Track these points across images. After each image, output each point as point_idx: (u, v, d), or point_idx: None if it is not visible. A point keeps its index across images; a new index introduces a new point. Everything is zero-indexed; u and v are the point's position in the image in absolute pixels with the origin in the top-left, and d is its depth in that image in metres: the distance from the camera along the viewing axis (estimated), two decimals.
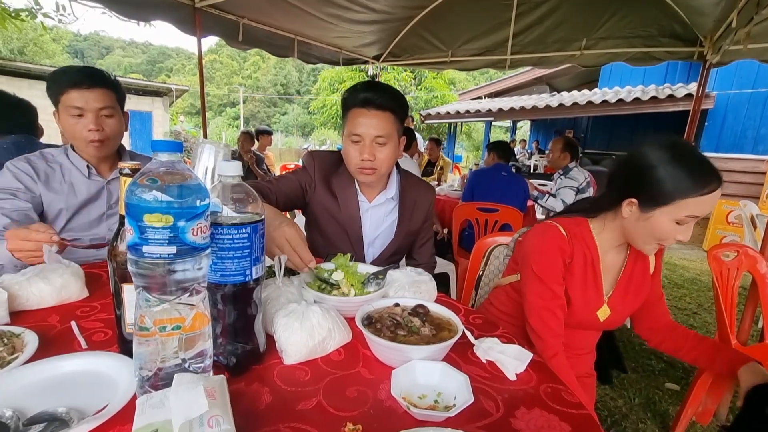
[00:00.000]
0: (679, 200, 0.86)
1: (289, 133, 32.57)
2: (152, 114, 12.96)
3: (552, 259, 1.02)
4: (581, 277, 1.04)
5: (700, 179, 0.85)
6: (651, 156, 0.90)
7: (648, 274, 1.11)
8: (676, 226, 0.89)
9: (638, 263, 1.09)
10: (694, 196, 0.85)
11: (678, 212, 0.87)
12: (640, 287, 1.10)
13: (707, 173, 0.85)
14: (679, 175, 0.86)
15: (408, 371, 0.65)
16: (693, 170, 0.86)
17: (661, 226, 0.90)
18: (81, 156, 1.32)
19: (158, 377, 0.54)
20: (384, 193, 1.33)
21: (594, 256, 1.04)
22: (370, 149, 1.18)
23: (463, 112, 9.60)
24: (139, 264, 0.51)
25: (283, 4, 3.70)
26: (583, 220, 1.07)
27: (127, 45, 50.63)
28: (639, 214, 0.93)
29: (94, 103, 1.22)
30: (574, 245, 1.02)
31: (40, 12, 3.64)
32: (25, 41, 19.53)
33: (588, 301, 1.05)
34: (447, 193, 3.67)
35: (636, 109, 6.39)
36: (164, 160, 0.52)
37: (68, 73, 1.22)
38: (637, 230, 0.95)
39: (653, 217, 0.90)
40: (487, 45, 4.73)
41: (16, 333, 0.68)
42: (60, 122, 1.26)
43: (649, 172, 0.89)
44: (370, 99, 1.16)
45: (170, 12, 3.35)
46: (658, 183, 0.88)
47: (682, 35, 3.94)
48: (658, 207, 0.89)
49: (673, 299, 3.48)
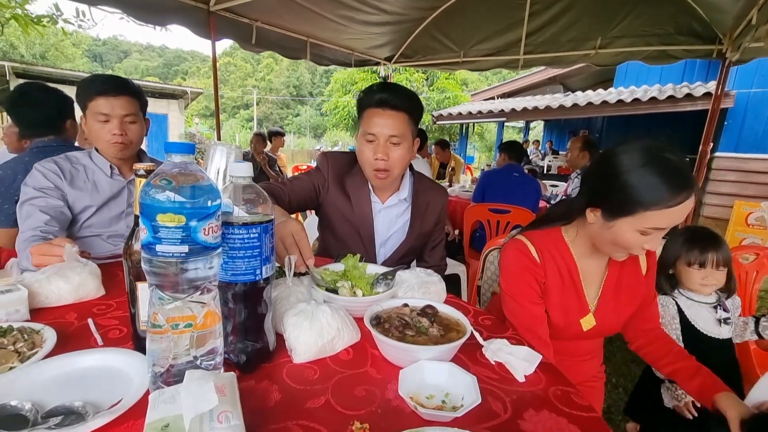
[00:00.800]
0: (642, 212, 0.80)
1: (302, 135, 32.84)
2: (168, 116, 13.22)
3: (523, 279, 0.99)
4: (559, 289, 1.01)
5: (668, 191, 0.78)
6: (620, 160, 0.84)
7: (640, 276, 1.06)
8: (640, 237, 0.84)
9: (625, 266, 1.04)
10: (659, 208, 0.78)
11: (640, 224, 0.82)
12: (633, 291, 1.05)
13: (677, 184, 0.78)
14: (644, 185, 0.79)
15: (416, 371, 0.65)
16: (661, 180, 0.79)
17: (624, 235, 0.85)
18: (104, 157, 1.39)
19: (170, 373, 0.55)
20: (397, 195, 1.34)
21: (570, 265, 1.01)
22: (384, 149, 1.19)
23: (475, 112, 9.54)
24: (152, 262, 0.52)
25: (296, 7, 3.73)
26: (556, 231, 1.04)
27: (144, 49, 51.77)
28: (602, 222, 0.89)
29: (119, 110, 1.30)
30: (546, 263, 0.99)
31: (61, 18, 3.74)
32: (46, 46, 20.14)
33: (568, 313, 1.01)
34: (458, 194, 3.66)
35: (652, 109, 6.26)
36: (177, 161, 0.53)
37: (96, 81, 1.30)
38: (602, 238, 0.91)
39: (615, 226, 0.86)
40: (499, 45, 4.70)
41: (35, 329, 0.71)
42: (86, 126, 1.34)
43: (616, 179, 0.83)
44: (385, 99, 1.17)
45: (186, 16, 3.42)
46: (622, 191, 0.82)
47: (701, 33, 3.85)
48: (620, 217, 0.84)
49: None
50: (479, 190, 3.18)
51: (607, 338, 1.20)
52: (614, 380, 2.15)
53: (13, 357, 0.63)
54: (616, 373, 2.22)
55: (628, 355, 2.38)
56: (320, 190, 1.31)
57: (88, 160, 1.39)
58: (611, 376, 2.18)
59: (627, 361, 2.33)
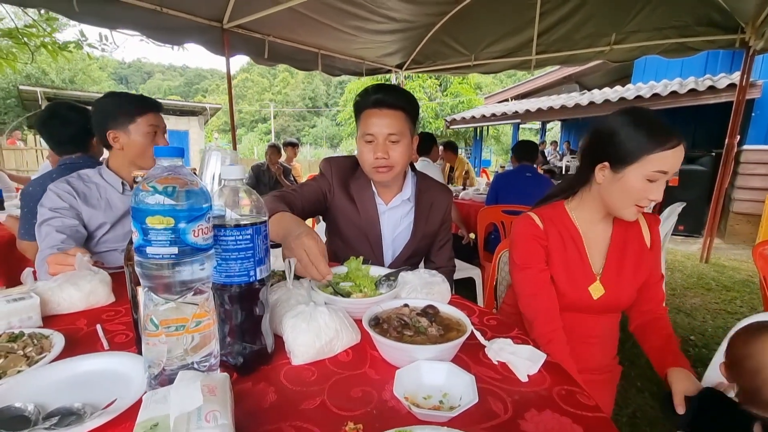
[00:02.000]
0: (645, 156, 0.92)
1: (318, 145, 33.29)
2: (189, 132, 13.65)
3: (529, 246, 1.07)
4: (562, 256, 1.07)
5: (661, 137, 0.91)
6: (614, 122, 0.97)
7: (645, 248, 1.09)
8: (647, 184, 0.94)
9: (629, 235, 1.09)
10: (659, 151, 0.91)
11: (647, 168, 0.92)
12: (639, 262, 1.08)
13: (666, 132, 0.91)
14: (642, 134, 0.93)
15: (412, 371, 0.64)
16: (653, 130, 0.92)
17: (633, 183, 0.95)
18: (118, 174, 1.45)
19: (165, 375, 0.56)
20: (400, 195, 1.34)
21: (574, 234, 1.08)
22: (384, 147, 1.20)
23: (488, 115, 9.46)
24: (143, 265, 0.53)
25: (306, 20, 3.82)
26: (559, 203, 1.13)
27: (166, 69, 53.81)
28: (612, 176, 0.98)
29: (163, 125, 1.48)
30: (548, 229, 1.08)
31: (86, 43, 3.94)
32: (75, 71, 21.24)
33: (575, 279, 1.06)
34: (472, 197, 3.61)
35: (673, 104, 6.03)
36: (166, 164, 0.54)
37: (146, 99, 1.44)
38: (613, 193, 0.99)
39: (625, 176, 0.95)
40: (510, 46, 4.66)
41: (45, 335, 0.73)
42: (130, 138, 1.40)
43: (616, 136, 0.96)
44: (381, 99, 1.19)
45: (201, 35, 3.55)
46: (624, 143, 0.94)
47: (721, 23, 3.72)
48: (628, 165, 0.94)
49: (721, 303, 3.24)
50: (492, 193, 3.14)
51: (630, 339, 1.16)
52: (639, 384, 2.06)
53: (21, 361, 0.65)
54: (641, 377, 2.12)
55: None
56: (327, 195, 1.33)
57: (99, 178, 1.43)
58: (636, 380, 2.09)
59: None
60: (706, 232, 4.53)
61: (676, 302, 3.24)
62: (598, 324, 1.12)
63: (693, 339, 2.61)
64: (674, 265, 4.32)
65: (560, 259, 1.07)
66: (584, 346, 1.10)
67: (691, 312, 3.04)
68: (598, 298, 1.06)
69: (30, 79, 17.24)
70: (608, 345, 1.17)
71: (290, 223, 0.95)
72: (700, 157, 5.75)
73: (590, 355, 1.12)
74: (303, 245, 0.85)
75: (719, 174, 4.28)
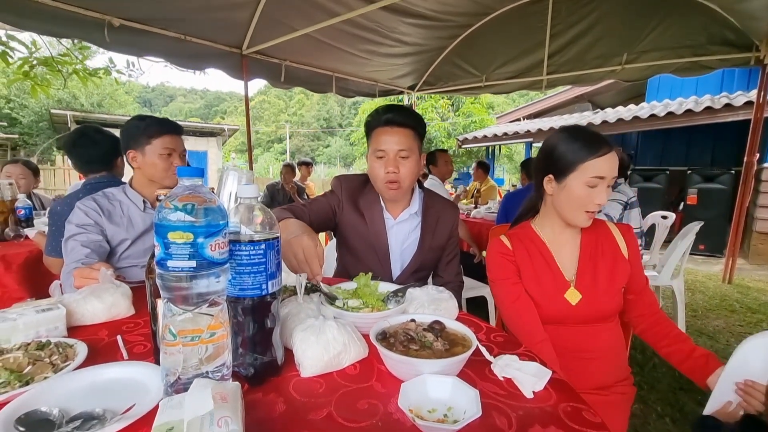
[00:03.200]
0: (581, 164, 1.03)
1: (332, 165, 33.80)
2: (207, 153, 14.07)
3: (499, 264, 1.16)
4: (531, 269, 1.14)
5: (593, 146, 1.02)
6: (554, 139, 1.09)
7: (620, 256, 1.15)
8: (589, 190, 1.04)
9: (600, 242, 1.16)
10: (592, 158, 1.02)
11: (585, 174, 1.03)
12: (614, 268, 1.13)
13: (598, 141, 1.03)
14: (576, 145, 1.04)
15: (418, 385, 0.65)
16: (586, 140, 1.04)
17: (576, 191, 1.05)
18: (140, 192, 1.52)
19: (181, 383, 0.59)
20: (408, 210, 1.39)
21: (541, 247, 1.16)
22: (395, 162, 1.27)
23: (500, 134, 9.50)
24: (164, 277, 0.57)
25: (321, 45, 3.97)
26: (526, 223, 1.23)
27: (188, 92, 56.00)
28: (557, 186, 1.09)
29: (180, 147, 1.54)
30: (516, 247, 1.16)
31: (114, 69, 4.17)
32: (102, 95, 22.34)
33: (547, 289, 1.12)
34: (484, 216, 3.61)
35: (688, 122, 5.96)
36: (187, 184, 0.59)
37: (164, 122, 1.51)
38: (561, 202, 1.09)
39: (567, 185, 1.06)
40: (521, 67, 4.72)
41: (69, 344, 0.77)
42: (146, 159, 1.47)
43: (556, 150, 1.08)
44: (391, 119, 1.28)
45: (221, 60, 3.72)
46: (563, 156, 1.06)
47: (735, 41, 3.71)
48: (569, 174, 1.05)
49: (746, 325, 3.12)
50: (502, 212, 3.13)
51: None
52: (659, 409, 1.99)
53: (48, 368, 0.69)
54: (662, 401, 2.05)
55: (675, 382, 2.20)
56: (336, 211, 1.38)
57: (123, 196, 1.51)
58: (655, 405, 2.02)
59: (674, 389, 2.16)
60: (728, 251, 4.40)
61: (698, 324, 3.14)
62: (594, 336, 1.12)
63: None
64: (695, 285, 4.19)
65: (530, 272, 1.14)
66: (582, 362, 1.10)
67: (714, 335, 2.94)
68: (577, 303, 1.10)
69: (61, 103, 18.18)
70: (613, 361, 1.14)
71: (294, 227, 1.01)
72: (719, 175, 5.64)
73: (591, 372, 1.10)
74: (301, 243, 0.89)
75: (739, 192, 4.19)
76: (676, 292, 2.74)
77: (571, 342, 1.11)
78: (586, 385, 1.08)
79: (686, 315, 3.00)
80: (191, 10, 3.08)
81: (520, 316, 1.10)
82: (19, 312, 0.82)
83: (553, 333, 1.09)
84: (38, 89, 3.78)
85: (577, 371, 1.07)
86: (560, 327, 1.11)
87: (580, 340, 1.11)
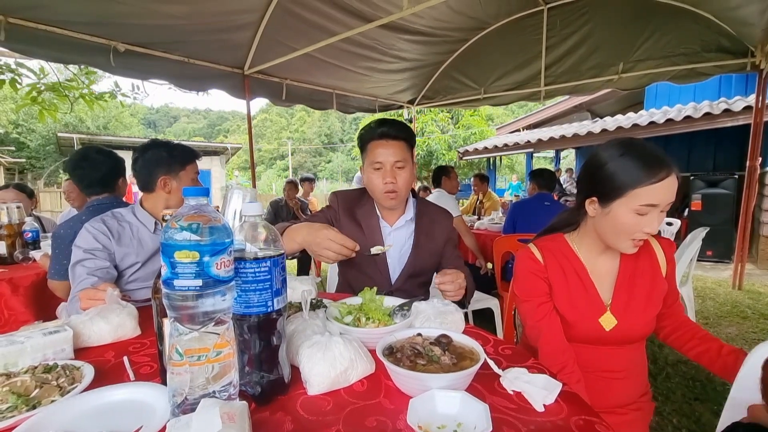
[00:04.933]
0: (631, 190, 0.89)
1: (335, 180, 33.99)
2: (211, 171, 14.21)
3: (528, 280, 1.07)
4: (565, 288, 1.05)
5: (649, 169, 0.88)
6: (602, 155, 0.96)
7: (659, 277, 1.06)
8: (637, 218, 0.91)
9: (639, 264, 1.06)
10: (645, 185, 0.88)
11: (633, 202, 0.90)
12: (651, 291, 1.05)
13: (656, 163, 0.88)
14: (628, 167, 0.90)
15: (426, 400, 0.65)
16: (641, 161, 0.89)
17: (621, 218, 0.92)
18: (152, 214, 1.52)
19: (188, 403, 0.59)
20: (403, 217, 1.46)
21: (577, 266, 1.06)
22: (392, 173, 1.34)
23: (501, 145, 9.56)
24: (170, 296, 0.57)
25: (321, 63, 4.05)
26: (559, 236, 1.12)
27: (191, 113, 56.92)
28: (600, 210, 0.97)
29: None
30: (548, 262, 1.07)
31: (119, 92, 4.26)
32: (108, 118, 22.79)
33: (581, 311, 1.03)
34: (487, 227, 3.61)
35: (688, 128, 5.98)
36: (193, 203, 0.60)
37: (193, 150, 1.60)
38: (604, 227, 0.98)
39: (612, 211, 0.94)
40: (519, 79, 4.78)
41: (76, 366, 0.77)
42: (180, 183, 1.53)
43: (602, 169, 0.94)
44: (386, 132, 1.34)
45: (223, 81, 3.80)
46: (610, 177, 0.92)
47: (730, 48, 3.75)
48: (614, 200, 0.92)
49: (760, 332, 3.06)
50: (509, 222, 3.13)
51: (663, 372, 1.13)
52: (675, 421, 1.94)
53: (55, 391, 0.69)
54: (678, 413, 2.00)
55: (689, 392, 2.15)
56: (333, 223, 1.43)
57: (132, 217, 1.50)
58: (671, 416, 1.97)
59: (689, 399, 2.11)
60: (736, 257, 4.35)
61: (711, 332, 3.04)
62: (622, 356, 1.07)
63: None
64: (705, 292, 4.13)
65: (563, 290, 1.05)
66: (607, 381, 1.05)
67: (727, 342, 2.88)
68: (611, 329, 1.02)
69: (68, 127, 18.51)
70: (636, 379, 1.11)
71: (303, 227, 1.14)
72: (723, 180, 5.62)
73: (616, 391, 1.06)
74: (327, 235, 1.05)
75: (744, 197, 4.17)
76: (686, 300, 2.71)
77: (596, 361, 1.05)
78: (607, 404, 1.05)
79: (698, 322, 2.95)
80: (194, 33, 3.16)
81: (545, 333, 1.02)
82: (27, 335, 0.82)
83: (577, 351, 1.03)
84: (46, 114, 3.86)
85: (600, 390, 1.03)
86: (586, 346, 1.05)
87: (605, 360, 1.06)
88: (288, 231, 1.16)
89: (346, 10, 3.37)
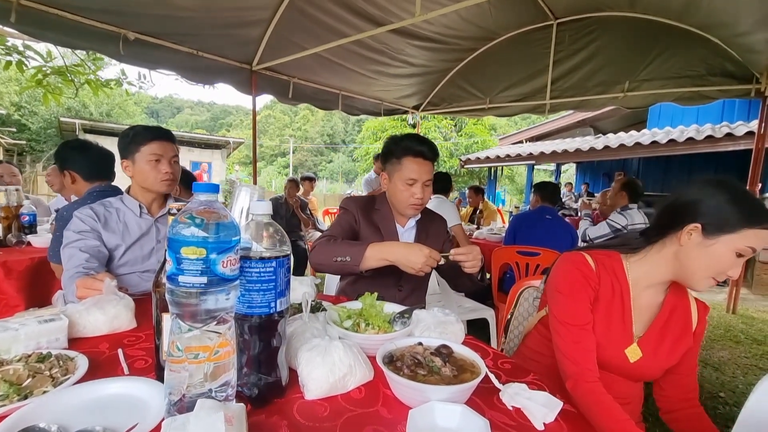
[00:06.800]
0: (745, 229, 0.84)
1: (335, 180, 33.97)
2: (212, 164, 14.17)
3: (578, 282, 0.99)
4: (606, 309, 1.00)
5: (763, 215, 0.84)
6: (723, 184, 0.90)
7: (689, 328, 1.02)
8: (734, 258, 0.86)
9: (678, 310, 1.02)
10: (759, 227, 0.84)
11: (741, 242, 0.85)
12: (680, 338, 1.01)
13: (764, 209, 0.85)
14: (745, 206, 0.85)
15: (426, 412, 0.64)
16: (755, 203, 0.86)
17: (721, 254, 0.87)
18: (136, 198, 1.53)
19: (184, 402, 0.57)
20: (412, 219, 1.62)
21: (624, 290, 1.01)
22: (422, 190, 1.48)
23: (503, 156, 9.59)
24: (174, 292, 0.56)
25: (330, 64, 4.05)
26: (615, 254, 1.05)
27: (195, 105, 56.79)
28: (701, 240, 0.89)
29: (170, 152, 1.51)
30: (601, 275, 1.00)
31: (126, 80, 4.25)
32: (112, 105, 22.67)
33: (612, 337, 0.99)
34: (486, 237, 3.61)
35: (690, 150, 6.03)
36: (203, 199, 0.59)
37: (150, 129, 1.50)
38: (696, 258, 0.90)
39: (716, 245, 0.87)
40: (525, 91, 4.80)
41: (70, 356, 0.76)
42: (136, 166, 1.48)
43: (714, 199, 0.88)
44: (423, 152, 1.47)
45: (231, 75, 3.79)
46: (725, 209, 0.86)
47: (735, 73, 3.78)
48: (723, 234, 0.86)
49: (752, 357, 3.06)
50: (510, 234, 3.12)
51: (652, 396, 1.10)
52: None
53: (47, 382, 0.67)
54: None
55: None
56: (354, 226, 1.55)
57: (119, 203, 1.53)
58: None
59: None
60: (731, 281, 4.37)
61: (703, 354, 3.08)
62: (630, 387, 1.06)
63: (723, 396, 2.45)
64: None
65: (605, 308, 1.00)
66: None
67: (719, 366, 2.88)
68: (635, 361, 0.99)
69: (71, 112, 18.43)
70: (636, 407, 1.10)
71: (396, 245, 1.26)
72: None
73: None
74: (421, 250, 1.20)
75: None
76: None
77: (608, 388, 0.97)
78: None
79: None
80: (205, 27, 3.15)
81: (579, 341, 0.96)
82: (21, 322, 0.81)
83: None
84: (50, 97, 3.84)
85: None
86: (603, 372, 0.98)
87: (621, 389, 1.02)
88: (372, 248, 1.24)
89: (358, 14, 3.38)
